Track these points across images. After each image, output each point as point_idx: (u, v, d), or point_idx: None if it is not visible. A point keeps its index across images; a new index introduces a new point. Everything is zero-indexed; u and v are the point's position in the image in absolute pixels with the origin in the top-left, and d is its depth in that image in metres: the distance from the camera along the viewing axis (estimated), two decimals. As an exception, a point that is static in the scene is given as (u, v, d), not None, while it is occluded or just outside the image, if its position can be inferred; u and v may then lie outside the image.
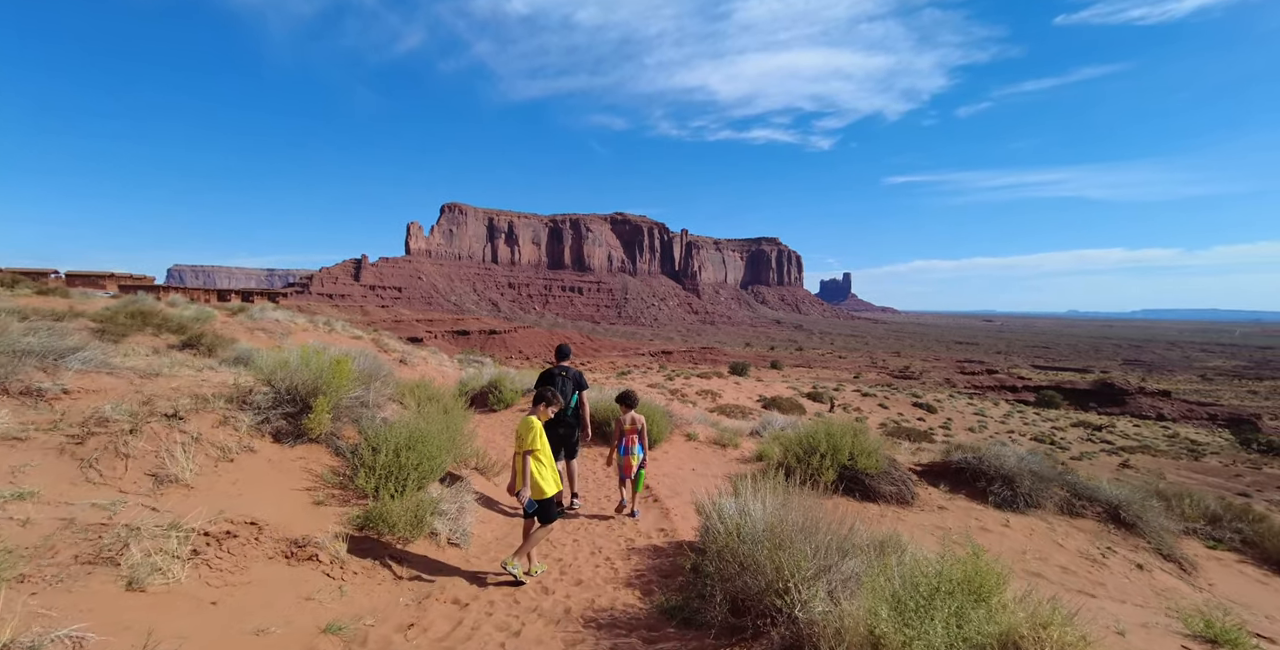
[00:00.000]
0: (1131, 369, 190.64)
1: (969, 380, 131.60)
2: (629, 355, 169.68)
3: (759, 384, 65.10)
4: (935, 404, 65.09)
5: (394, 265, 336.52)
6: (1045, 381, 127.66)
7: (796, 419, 14.09)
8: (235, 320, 20.28)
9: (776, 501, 3.94)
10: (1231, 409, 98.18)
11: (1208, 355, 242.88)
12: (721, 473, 8.89)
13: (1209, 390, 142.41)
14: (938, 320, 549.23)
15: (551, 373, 6.94)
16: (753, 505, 3.89)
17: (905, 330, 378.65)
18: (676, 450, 10.17)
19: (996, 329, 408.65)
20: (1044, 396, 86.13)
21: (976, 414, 61.85)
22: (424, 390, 9.24)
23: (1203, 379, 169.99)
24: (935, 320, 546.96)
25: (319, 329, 22.05)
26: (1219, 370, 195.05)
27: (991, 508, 6.99)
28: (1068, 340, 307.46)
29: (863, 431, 7.69)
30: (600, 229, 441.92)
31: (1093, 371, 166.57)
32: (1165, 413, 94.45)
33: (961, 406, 67.08)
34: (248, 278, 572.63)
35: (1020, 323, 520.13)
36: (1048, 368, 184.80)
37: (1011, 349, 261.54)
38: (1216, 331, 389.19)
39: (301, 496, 4.54)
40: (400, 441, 4.98)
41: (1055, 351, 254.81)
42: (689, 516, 6.15)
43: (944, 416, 57.43)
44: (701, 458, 9.87)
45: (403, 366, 21.14)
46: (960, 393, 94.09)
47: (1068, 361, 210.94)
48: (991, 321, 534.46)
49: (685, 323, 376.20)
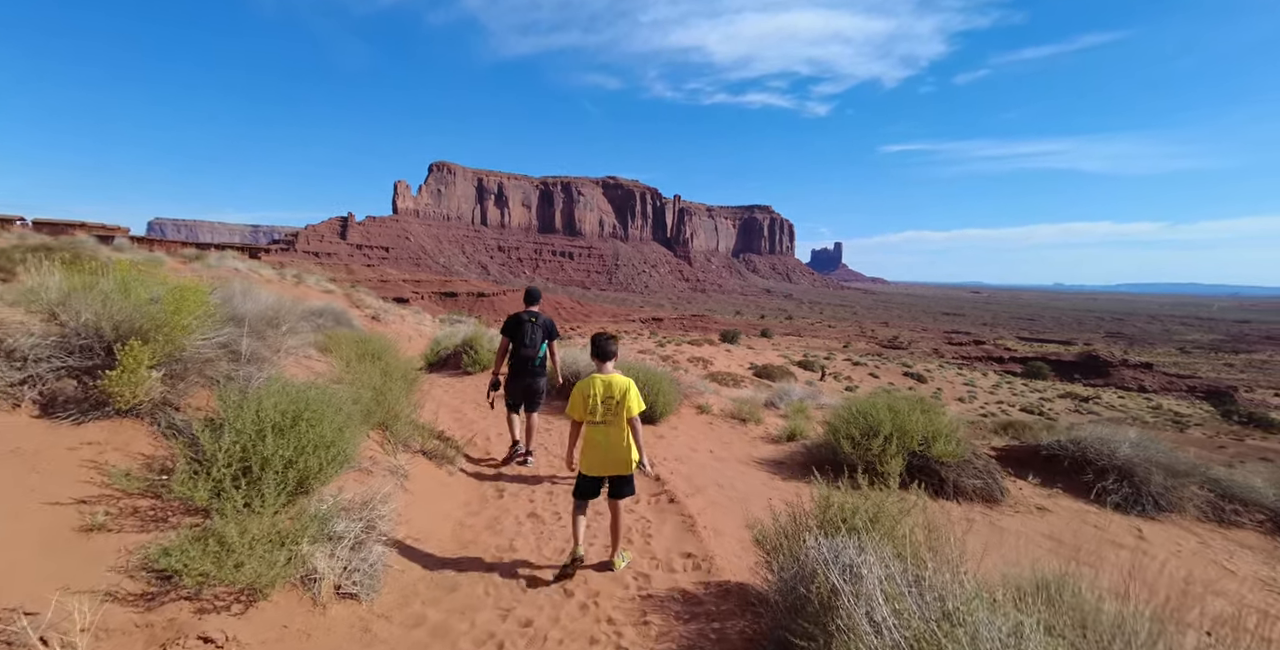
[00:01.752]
0: (1114, 341, 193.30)
1: (957, 351, 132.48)
2: (619, 321, 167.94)
3: (750, 352, 64.31)
4: (925, 374, 64.72)
5: (381, 224, 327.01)
6: (1031, 353, 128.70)
7: (815, 389, 12.33)
8: (188, 268, 18.05)
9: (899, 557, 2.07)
10: (1209, 381, 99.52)
11: (1187, 329, 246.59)
12: (747, 457, 7.26)
13: (1187, 363, 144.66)
14: (926, 291, 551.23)
15: (519, 318, 6.12)
16: (872, 569, 2.03)
17: (894, 301, 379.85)
18: (687, 426, 8.59)
19: (983, 301, 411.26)
20: (1031, 367, 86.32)
21: (966, 384, 61.62)
22: (370, 344, 7.23)
23: (1181, 352, 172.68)
24: (924, 291, 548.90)
25: (286, 281, 19.84)
26: (1197, 343, 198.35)
27: (1110, 510, 5.31)
28: (1052, 313, 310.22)
29: (936, 409, 5.91)
30: (592, 193, 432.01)
31: (1076, 344, 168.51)
32: (1147, 384, 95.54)
33: (951, 377, 66.82)
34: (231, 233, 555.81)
35: (1007, 295, 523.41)
36: (1033, 339, 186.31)
37: (998, 321, 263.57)
38: (1195, 305, 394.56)
39: (61, 517, 2.63)
40: (272, 416, 3.08)
41: (1040, 324, 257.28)
42: (724, 530, 4.32)
43: (934, 386, 56.96)
44: (718, 436, 8.28)
45: (374, 323, 19.31)
46: (949, 363, 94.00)
47: (1052, 334, 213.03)
48: (979, 293, 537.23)
49: (676, 290, 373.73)
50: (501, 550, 4.00)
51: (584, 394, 3.87)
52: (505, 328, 6.16)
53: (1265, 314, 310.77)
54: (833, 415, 6.68)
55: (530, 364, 6.08)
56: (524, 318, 6.08)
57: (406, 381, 5.91)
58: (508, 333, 6.12)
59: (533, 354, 6.05)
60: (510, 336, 6.10)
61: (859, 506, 2.62)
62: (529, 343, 6.02)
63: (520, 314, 6.15)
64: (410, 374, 6.49)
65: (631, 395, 3.87)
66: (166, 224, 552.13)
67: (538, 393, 6.26)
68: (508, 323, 6.17)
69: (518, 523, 4.50)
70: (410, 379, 6.28)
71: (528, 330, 6.03)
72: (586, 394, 3.86)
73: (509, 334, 6.11)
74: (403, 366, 6.44)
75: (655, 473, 5.65)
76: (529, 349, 6.03)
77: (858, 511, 2.59)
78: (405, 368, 6.48)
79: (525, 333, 6.03)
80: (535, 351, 6.05)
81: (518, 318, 6.12)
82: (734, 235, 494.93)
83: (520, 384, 6.17)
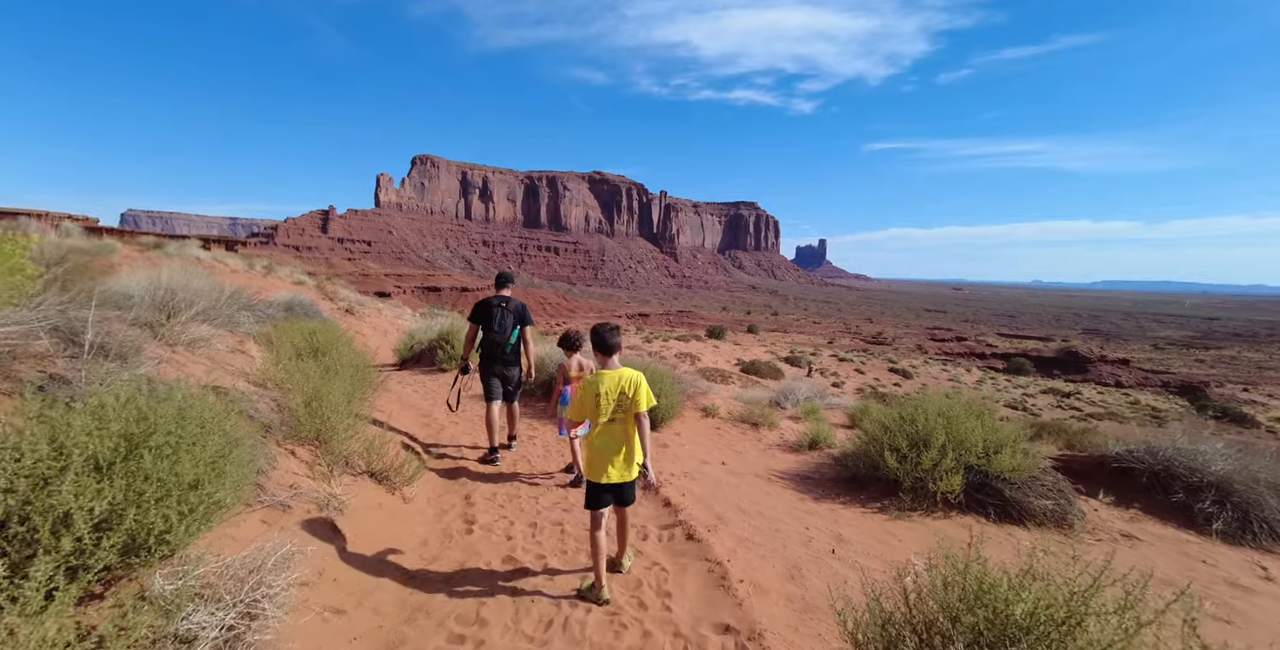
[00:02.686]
0: (1091, 338, 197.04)
1: (940, 347, 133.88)
2: (606, 317, 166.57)
3: (737, 347, 63.82)
4: (911, 369, 64.63)
5: (363, 218, 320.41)
6: (1012, 349, 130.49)
7: (824, 388, 11.35)
8: (143, 256, 16.49)
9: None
10: (1183, 377, 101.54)
11: (1160, 325, 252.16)
12: (765, 470, 6.29)
13: (1161, 359, 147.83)
14: (909, 288, 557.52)
15: (489, 303, 5.79)
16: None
17: (877, 297, 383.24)
18: (692, 431, 7.62)
19: (964, 298, 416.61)
20: (1014, 364, 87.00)
21: (951, 380, 61.62)
22: (317, 336, 6.09)
23: (1155, 348, 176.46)
24: (907, 288, 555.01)
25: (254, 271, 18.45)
26: (1169, 340, 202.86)
27: (1216, 540, 4.37)
28: (1032, 310, 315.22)
29: (992, 413, 4.96)
30: (578, 188, 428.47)
31: (1055, 340, 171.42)
32: (1123, 380, 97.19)
33: (936, 372, 66.85)
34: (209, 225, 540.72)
35: (987, 292, 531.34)
36: (1013, 336, 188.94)
37: (979, 317, 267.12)
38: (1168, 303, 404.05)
39: None
40: (84, 444, 1.93)
41: (1020, 320, 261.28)
42: (766, 584, 3.24)
43: (919, 382, 56.84)
44: (728, 443, 7.31)
45: (348, 317, 18.05)
46: (933, 359, 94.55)
47: (1031, 330, 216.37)
48: (960, 290, 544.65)
49: (662, 286, 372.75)
50: (467, 624, 2.91)
51: (595, 392, 3.45)
52: (474, 314, 5.83)
53: (1234, 311, 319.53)
54: (867, 420, 5.72)
55: (502, 351, 5.76)
56: (493, 302, 5.78)
57: (357, 382, 4.78)
58: (476, 319, 5.82)
59: (503, 340, 5.73)
60: (480, 323, 5.80)
61: (1030, 595, 1.59)
62: (498, 328, 5.71)
63: (490, 298, 5.83)
64: (365, 373, 5.37)
65: (643, 390, 3.52)
66: (141, 216, 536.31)
67: (512, 382, 5.96)
68: (476, 308, 5.84)
69: (490, 574, 3.45)
70: (363, 379, 5.17)
71: (496, 315, 5.71)
72: (598, 392, 3.44)
73: (478, 320, 5.81)
74: (355, 363, 5.31)
75: (659, 485, 4.79)
76: (499, 334, 5.72)
77: (1031, 604, 1.57)
78: (358, 364, 5.34)
79: (494, 317, 5.71)
80: (506, 337, 5.73)
81: (486, 302, 5.81)
82: (720, 231, 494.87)
83: (492, 373, 5.85)
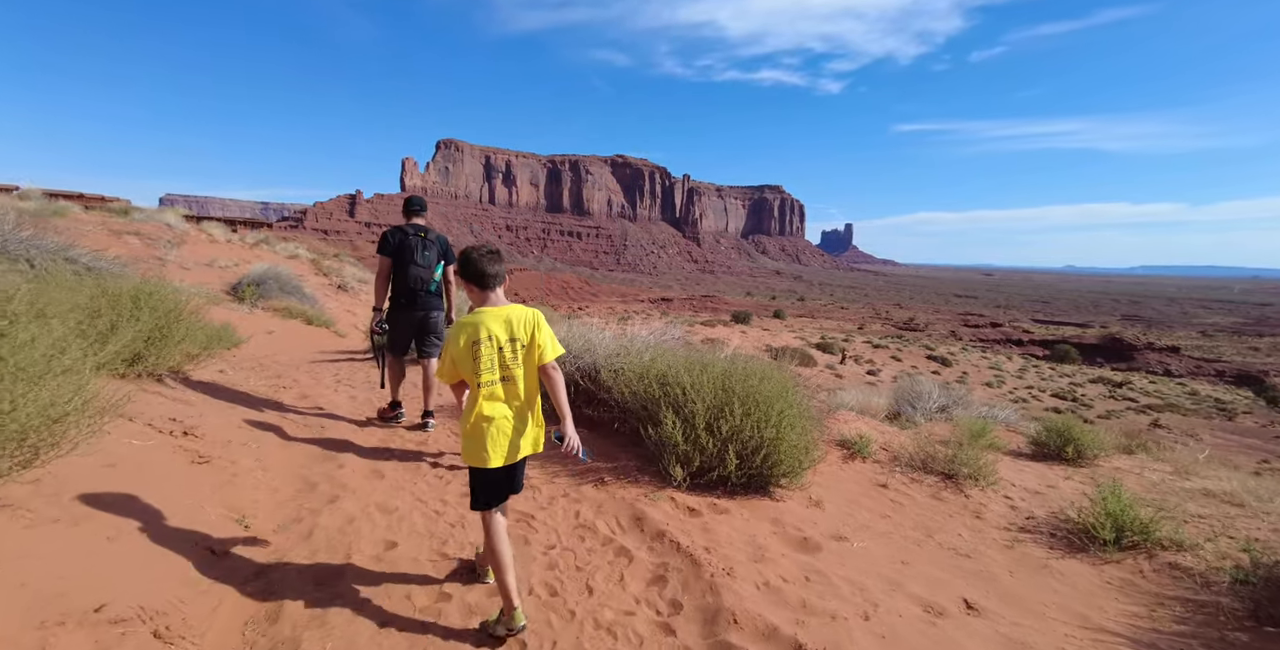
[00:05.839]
0: (1130, 324, 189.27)
1: (974, 333, 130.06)
2: (628, 301, 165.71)
3: (765, 333, 62.52)
4: (949, 357, 62.47)
5: (389, 202, 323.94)
6: (1049, 335, 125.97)
7: (963, 389, 9.46)
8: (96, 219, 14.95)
9: None
10: (1238, 366, 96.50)
11: (1207, 312, 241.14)
12: (1076, 622, 3.11)
13: (1210, 347, 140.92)
14: (937, 273, 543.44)
15: (403, 231, 4.69)
16: None
17: (905, 283, 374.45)
18: (839, 493, 4.56)
19: (995, 283, 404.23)
20: (1058, 351, 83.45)
21: (992, 368, 59.48)
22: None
23: (1203, 335, 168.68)
24: (935, 273, 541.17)
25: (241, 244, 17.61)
26: (1218, 327, 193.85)
27: None
28: (1067, 295, 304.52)
29: None
30: (600, 171, 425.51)
31: (1093, 326, 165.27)
32: (1173, 369, 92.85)
33: (976, 360, 64.58)
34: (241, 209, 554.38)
35: (1019, 277, 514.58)
36: (1048, 322, 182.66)
37: (1011, 303, 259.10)
38: (1215, 288, 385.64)
39: None
40: None
41: (1054, 306, 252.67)
42: None
43: (959, 370, 54.85)
44: (918, 519, 4.28)
45: (339, 293, 17.19)
46: (970, 346, 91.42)
47: (1067, 316, 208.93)
48: (991, 275, 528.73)
49: (684, 271, 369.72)
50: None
51: (472, 338, 2.49)
52: (384, 246, 4.64)
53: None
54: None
55: (426, 289, 4.70)
56: (409, 231, 4.67)
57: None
58: (389, 252, 4.65)
59: (428, 276, 4.69)
60: (393, 256, 4.65)
61: None
62: (421, 261, 4.64)
63: (403, 226, 4.71)
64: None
65: (545, 333, 2.61)
66: (178, 199, 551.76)
67: (435, 329, 4.85)
68: (386, 239, 4.66)
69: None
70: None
71: (415, 245, 4.62)
72: (476, 338, 2.49)
73: (390, 253, 4.65)
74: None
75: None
76: (423, 269, 4.66)
77: None
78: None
79: (413, 248, 4.61)
80: (430, 272, 4.70)
81: (401, 231, 4.67)
82: (744, 216, 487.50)
83: (410, 317, 4.76)
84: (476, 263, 2.54)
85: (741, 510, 3.81)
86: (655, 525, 3.46)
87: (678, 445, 4.08)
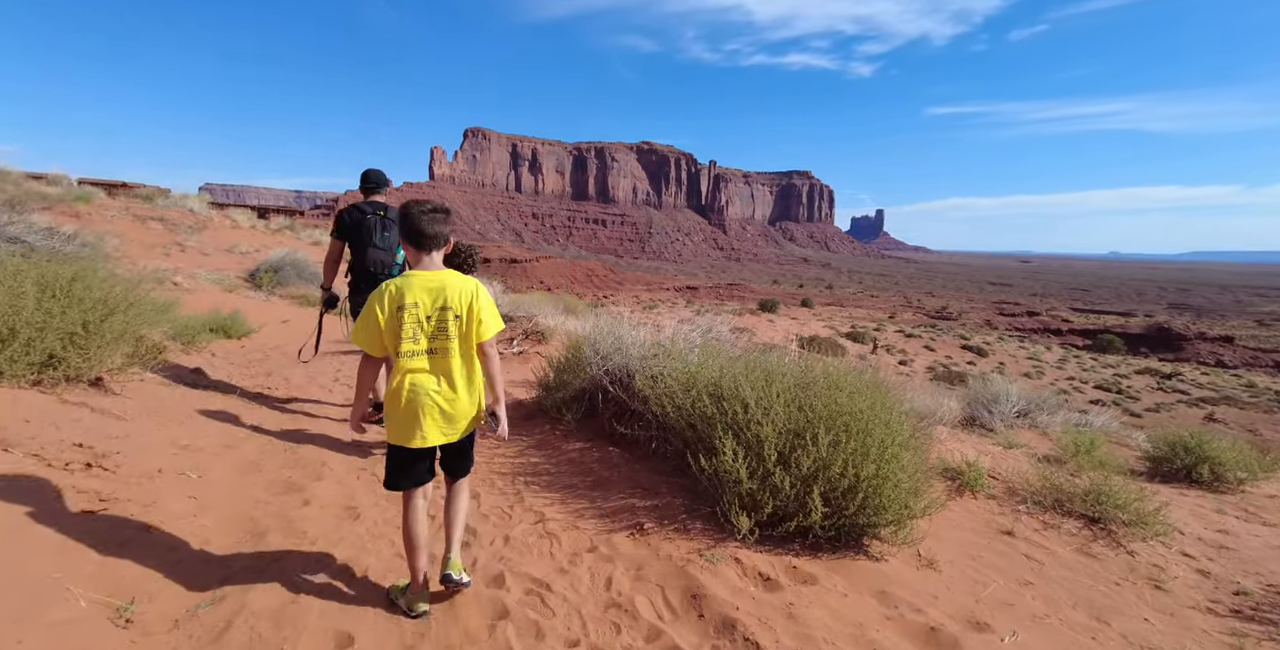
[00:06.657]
0: (1178, 313, 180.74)
1: (1010, 322, 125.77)
2: (654, 290, 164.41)
3: (793, 322, 61.16)
4: (985, 347, 60.04)
5: (418, 190, 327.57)
6: (1089, 324, 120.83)
7: (1046, 392, 7.95)
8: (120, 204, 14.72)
9: None
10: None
11: (1263, 299, 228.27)
12: None
13: (1267, 336, 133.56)
14: (970, 260, 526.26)
15: (360, 210, 4.25)
16: None
17: (938, 270, 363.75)
18: (953, 545, 3.33)
19: (1032, 270, 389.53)
20: (1101, 341, 79.78)
21: (1030, 358, 56.95)
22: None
23: (1259, 324, 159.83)
24: (968, 260, 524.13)
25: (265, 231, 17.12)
26: (1276, 315, 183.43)
27: None
28: (1109, 283, 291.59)
29: None
30: (625, 158, 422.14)
31: (1137, 315, 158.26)
32: (1226, 360, 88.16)
33: (1013, 350, 61.93)
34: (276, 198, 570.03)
35: (1058, 264, 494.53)
36: (1088, 311, 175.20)
37: (1048, 291, 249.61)
38: (1273, 274, 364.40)
39: None
40: None
41: (1095, 294, 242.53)
42: None
43: (995, 361, 52.56)
44: (1072, 596, 2.95)
45: None
46: (1006, 335, 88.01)
47: (1108, 305, 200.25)
48: (1028, 262, 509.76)
49: (710, 259, 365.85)
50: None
51: (397, 303, 2.18)
52: (339, 227, 4.28)
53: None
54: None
55: (386, 274, 4.23)
56: (366, 209, 4.29)
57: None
58: (345, 234, 4.28)
59: (389, 258, 4.27)
60: (349, 238, 4.29)
61: None
62: (381, 243, 4.23)
63: (360, 205, 4.33)
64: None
65: (483, 305, 2.28)
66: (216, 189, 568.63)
67: None
68: (341, 218, 4.27)
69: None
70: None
71: (374, 225, 4.21)
72: (399, 304, 2.18)
73: (346, 235, 4.28)
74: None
75: None
76: (383, 252, 4.24)
77: None
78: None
79: (371, 229, 4.21)
80: (391, 255, 4.28)
81: (358, 210, 4.28)
82: (771, 202, 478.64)
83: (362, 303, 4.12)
84: (415, 220, 2.20)
85: (833, 577, 2.74)
86: (719, 607, 2.44)
87: (740, 482, 3.04)
